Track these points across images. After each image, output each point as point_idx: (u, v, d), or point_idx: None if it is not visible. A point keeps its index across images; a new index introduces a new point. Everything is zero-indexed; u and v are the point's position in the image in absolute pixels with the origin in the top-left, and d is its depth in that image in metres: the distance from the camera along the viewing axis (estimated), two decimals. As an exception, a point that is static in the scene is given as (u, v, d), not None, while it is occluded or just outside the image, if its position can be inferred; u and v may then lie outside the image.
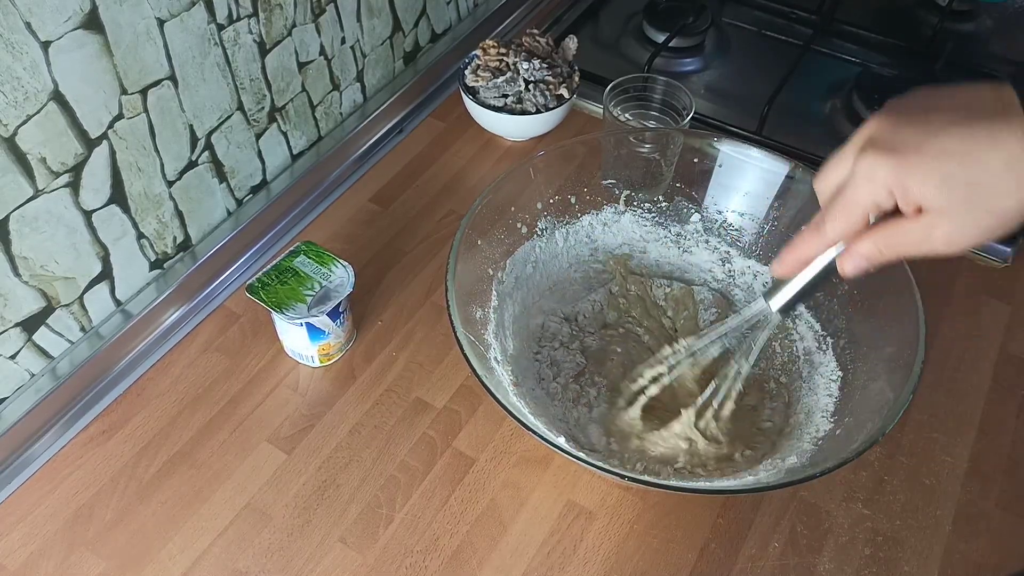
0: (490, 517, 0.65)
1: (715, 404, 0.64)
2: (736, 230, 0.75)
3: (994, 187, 0.39)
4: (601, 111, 0.86)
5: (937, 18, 1.04)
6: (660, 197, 0.77)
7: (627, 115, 0.85)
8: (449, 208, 0.87)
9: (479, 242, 0.69)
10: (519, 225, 0.73)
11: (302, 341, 0.71)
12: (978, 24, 1.10)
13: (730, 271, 0.76)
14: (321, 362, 0.73)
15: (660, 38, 1.04)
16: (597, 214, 0.77)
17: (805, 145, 0.88)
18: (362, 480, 0.67)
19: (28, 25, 0.56)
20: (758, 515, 0.65)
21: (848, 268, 0.47)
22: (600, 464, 0.57)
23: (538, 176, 0.73)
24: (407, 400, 0.72)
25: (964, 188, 0.39)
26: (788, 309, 0.55)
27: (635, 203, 0.77)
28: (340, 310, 0.70)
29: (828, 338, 0.69)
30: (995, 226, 0.40)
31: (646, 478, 0.61)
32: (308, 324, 0.68)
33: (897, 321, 0.62)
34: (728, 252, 0.76)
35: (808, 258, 0.50)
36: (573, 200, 0.76)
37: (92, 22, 0.60)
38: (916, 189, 0.40)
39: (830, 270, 0.50)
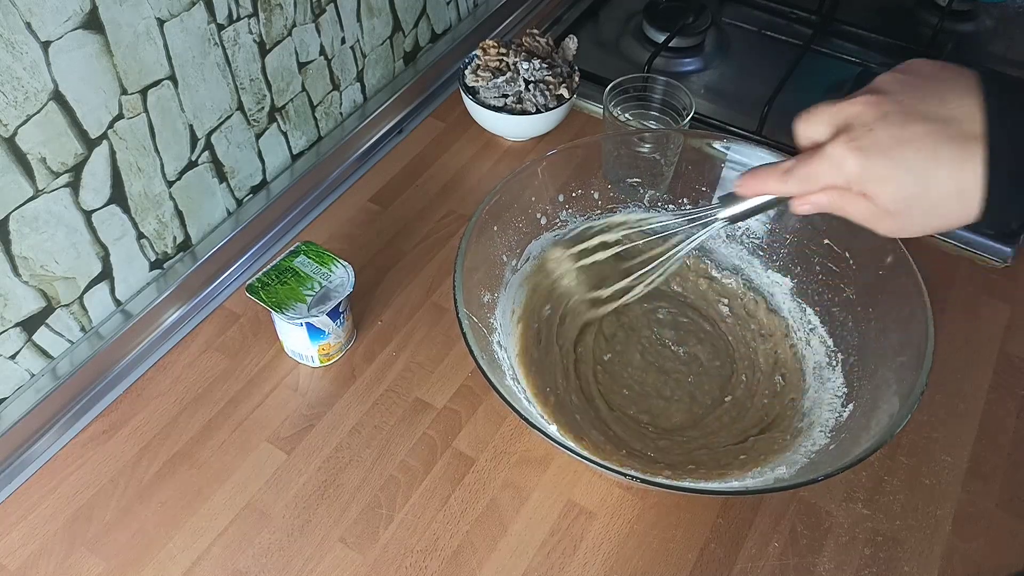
0: (490, 517, 0.65)
1: (645, 282, 0.66)
2: (757, 238, 0.76)
3: (939, 206, 0.42)
4: (601, 111, 0.86)
5: (937, 18, 1.04)
6: (685, 200, 0.77)
7: (627, 115, 0.85)
8: (449, 208, 0.87)
9: (495, 228, 0.69)
10: (539, 216, 0.74)
11: (302, 341, 0.71)
12: (978, 24, 1.10)
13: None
14: (321, 362, 0.73)
15: (660, 38, 1.04)
16: (620, 212, 0.77)
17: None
18: (362, 480, 0.67)
19: (28, 25, 0.56)
20: (758, 515, 0.65)
21: (801, 209, 0.50)
22: (598, 461, 0.57)
23: (561, 168, 0.74)
24: (407, 400, 0.72)
25: (912, 200, 0.43)
26: (734, 221, 0.58)
27: (659, 203, 0.77)
28: (340, 310, 0.70)
29: (839, 354, 0.68)
30: (932, 230, 0.44)
31: (647, 477, 0.61)
32: (308, 324, 0.68)
33: (907, 344, 0.61)
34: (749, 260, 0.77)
35: (766, 191, 0.53)
36: (596, 196, 0.76)
37: (92, 22, 0.60)
38: (872, 188, 0.44)
39: (782, 201, 0.54)
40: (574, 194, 0.76)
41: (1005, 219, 0.41)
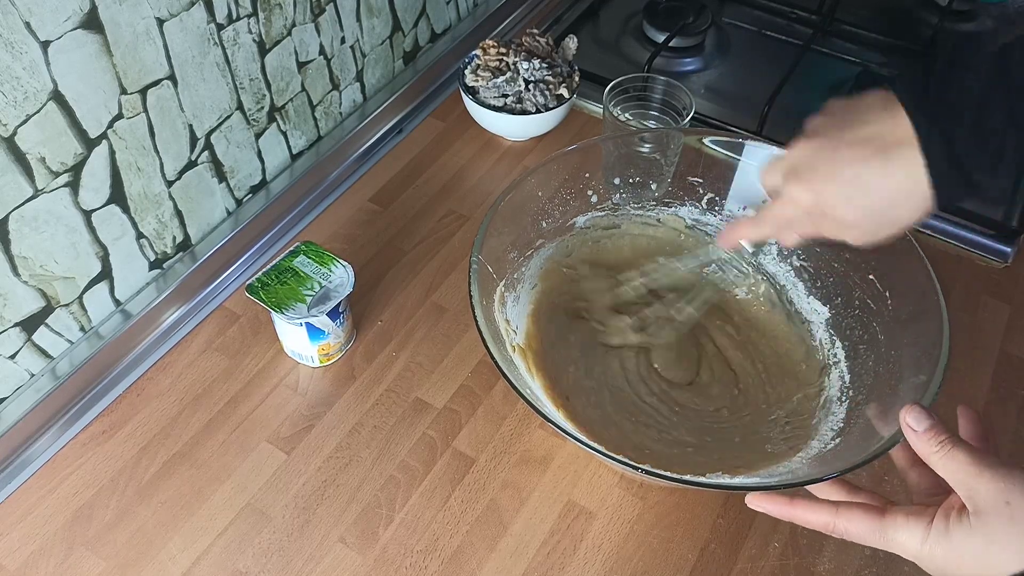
0: (490, 517, 0.65)
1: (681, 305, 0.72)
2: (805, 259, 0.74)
3: (890, 206, 0.49)
4: (601, 111, 0.86)
5: (937, 18, 1.04)
6: (743, 209, 0.76)
7: (627, 115, 0.85)
8: (449, 208, 0.87)
9: (539, 194, 0.71)
10: (589, 192, 0.75)
11: (302, 341, 0.70)
12: (978, 24, 1.10)
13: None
14: (321, 362, 0.73)
15: (660, 38, 1.04)
16: (676, 209, 0.77)
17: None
18: (362, 480, 0.67)
19: (28, 25, 0.56)
20: (758, 515, 0.65)
21: (787, 242, 0.58)
22: (593, 444, 0.55)
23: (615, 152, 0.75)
24: (407, 400, 0.72)
25: (865, 208, 0.50)
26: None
27: (717, 207, 0.76)
28: (340, 310, 0.70)
29: (850, 391, 0.66)
30: (893, 230, 0.50)
31: (658, 471, 0.59)
32: (308, 324, 0.68)
33: (916, 392, 0.60)
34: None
35: (744, 239, 0.60)
36: (654, 187, 0.76)
37: (92, 22, 0.60)
38: (830, 209, 0.51)
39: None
40: (631, 180, 0.76)
41: (956, 199, 0.47)
